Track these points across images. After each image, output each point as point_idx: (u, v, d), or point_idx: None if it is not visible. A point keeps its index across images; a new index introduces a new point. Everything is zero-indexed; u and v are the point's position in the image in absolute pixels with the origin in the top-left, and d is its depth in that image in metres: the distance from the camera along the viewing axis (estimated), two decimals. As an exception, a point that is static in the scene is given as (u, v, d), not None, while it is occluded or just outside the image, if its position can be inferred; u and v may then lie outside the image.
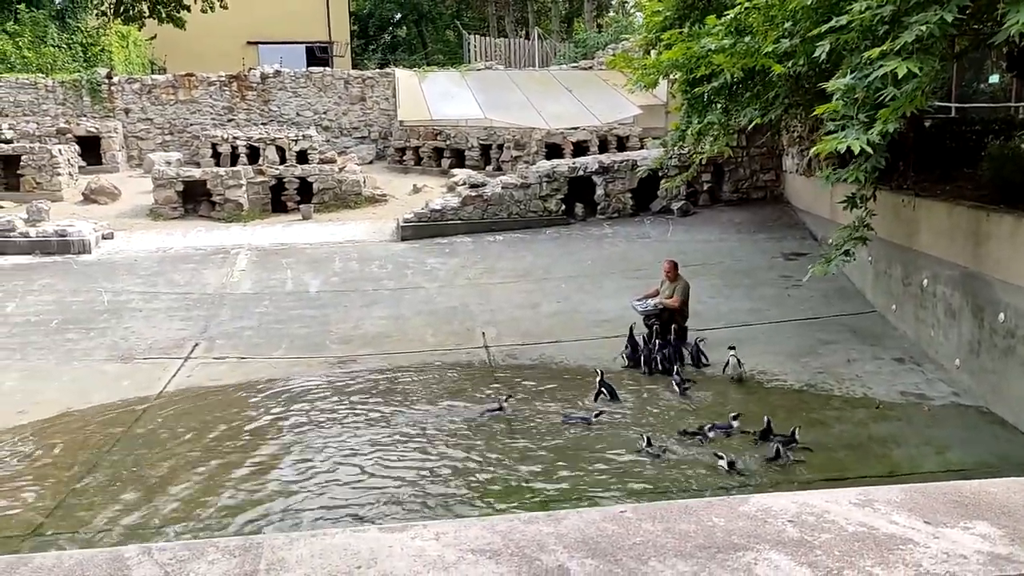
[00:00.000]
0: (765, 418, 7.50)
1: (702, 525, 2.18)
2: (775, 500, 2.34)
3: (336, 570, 1.98)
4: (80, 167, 19.34)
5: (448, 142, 20.39)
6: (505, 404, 8.23)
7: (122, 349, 10.32)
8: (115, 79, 22.05)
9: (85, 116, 21.49)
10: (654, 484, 6.77)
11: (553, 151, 18.38)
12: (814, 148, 7.10)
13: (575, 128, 19.01)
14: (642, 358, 9.45)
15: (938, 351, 9.34)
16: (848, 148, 6.50)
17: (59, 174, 17.79)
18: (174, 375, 9.57)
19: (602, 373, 8.69)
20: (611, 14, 38.91)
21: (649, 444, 7.25)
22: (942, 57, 6.57)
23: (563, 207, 15.46)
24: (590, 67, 24.11)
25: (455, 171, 18.81)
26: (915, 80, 6.11)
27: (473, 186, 15.63)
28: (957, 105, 14.00)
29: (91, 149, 20.43)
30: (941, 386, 8.82)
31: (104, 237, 14.82)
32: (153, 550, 2.11)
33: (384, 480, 6.92)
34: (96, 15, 25.10)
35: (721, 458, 6.96)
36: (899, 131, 7.12)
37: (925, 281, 9.62)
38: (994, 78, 14.91)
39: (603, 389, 8.47)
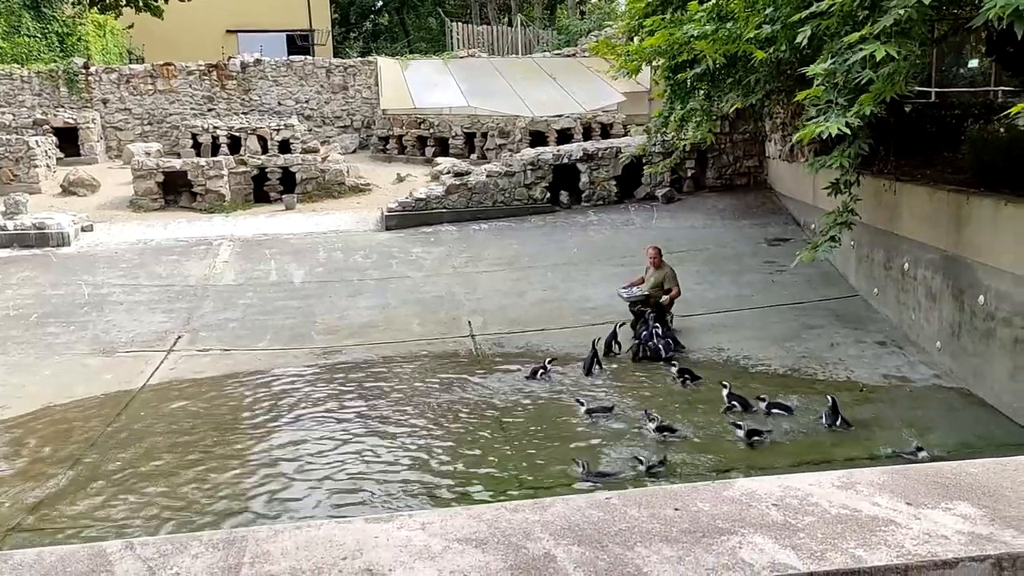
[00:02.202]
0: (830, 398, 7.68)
1: (687, 510, 2.19)
2: (759, 484, 2.35)
3: (321, 562, 1.97)
4: (58, 159, 19.10)
5: (432, 131, 20.28)
6: (548, 365, 8.83)
7: (104, 342, 10.23)
8: (92, 69, 21.75)
9: (62, 107, 21.20)
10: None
11: (537, 139, 18.34)
12: (796, 135, 7.12)
13: (559, 116, 18.96)
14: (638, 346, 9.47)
15: (919, 334, 9.43)
16: (832, 134, 6.52)
17: (36, 166, 17.56)
18: (157, 368, 9.50)
19: (616, 326, 9.61)
20: (593, 0, 38.78)
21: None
22: (922, 42, 6.59)
23: (548, 195, 15.44)
24: (573, 54, 24.05)
25: (439, 160, 18.73)
26: (894, 64, 6.14)
27: (457, 175, 15.57)
28: (937, 90, 14.06)
29: (69, 140, 20.17)
30: (923, 369, 8.90)
31: (84, 229, 14.66)
32: (136, 545, 2.09)
33: (371, 472, 6.91)
34: (72, 4, 24.71)
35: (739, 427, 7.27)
36: (880, 116, 7.15)
37: (906, 265, 9.69)
38: (973, 63, 15.00)
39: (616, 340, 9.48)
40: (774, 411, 7.74)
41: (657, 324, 9.50)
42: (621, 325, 9.73)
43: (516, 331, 10.42)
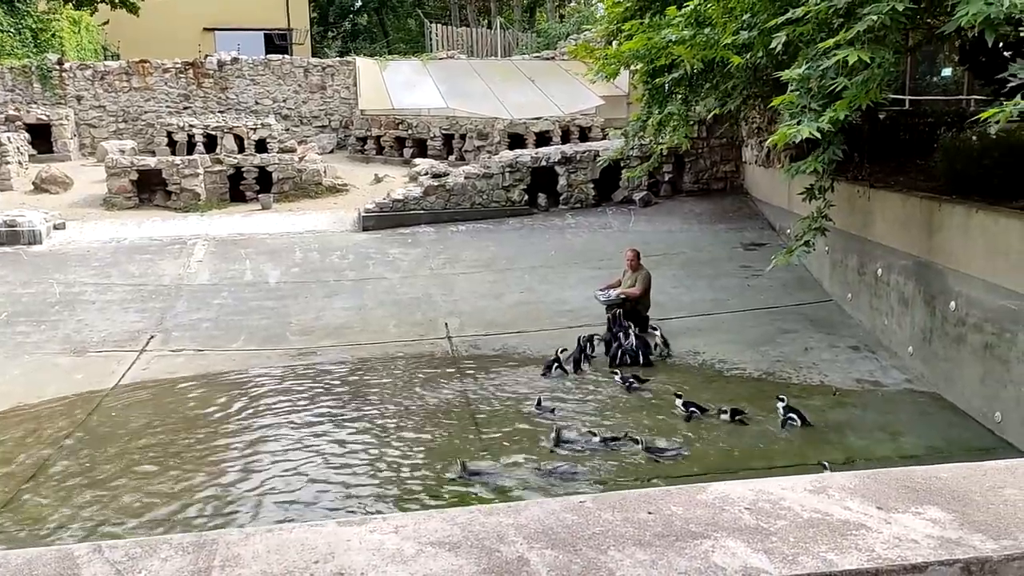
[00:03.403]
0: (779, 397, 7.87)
1: (660, 514, 2.19)
2: (732, 488, 2.36)
3: (293, 566, 1.95)
4: (30, 155, 18.82)
5: (410, 131, 20.24)
6: (560, 355, 8.96)
7: (75, 342, 10.08)
8: (66, 65, 21.46)
9: (35, 103, 20.90)
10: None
11: (516, 141, 18.37)
12: (770, 139, 7.18)
13: (538, 118, 19.01)
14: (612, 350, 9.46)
15: (892, 339, 9.54)
16: (807, 139, 6.59)
17: (8, 163, 17.29)
18: (129, 368, 9.38)
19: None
20: (573, 4, 38.89)
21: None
22: (896, 49, 6.68)
23: (526, 197, 15.45)
24: (552, 57, 24.12)
25: (417, 161, 18.69)
26: (868, 71, 6.21)
27: (435, 176, 15.53)
28: (911, 97, 14.26)
29: (42, 137, 19.89)
30: (895, 373, 9.01)
31: (56, 227, 14.45)
32: (104, 548, 2.06)
33: (343, 473, 6.86)
34: (46, -1, 24.41)
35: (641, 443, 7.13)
36: (854, 122, 7.23)
37: (879, 271, 9.80)
38: (947, 71, 15.22)
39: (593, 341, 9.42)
40: (737, 417, 7.74)
41: (630, 323, 9.55)
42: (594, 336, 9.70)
43: (493, 333, 10.40)
